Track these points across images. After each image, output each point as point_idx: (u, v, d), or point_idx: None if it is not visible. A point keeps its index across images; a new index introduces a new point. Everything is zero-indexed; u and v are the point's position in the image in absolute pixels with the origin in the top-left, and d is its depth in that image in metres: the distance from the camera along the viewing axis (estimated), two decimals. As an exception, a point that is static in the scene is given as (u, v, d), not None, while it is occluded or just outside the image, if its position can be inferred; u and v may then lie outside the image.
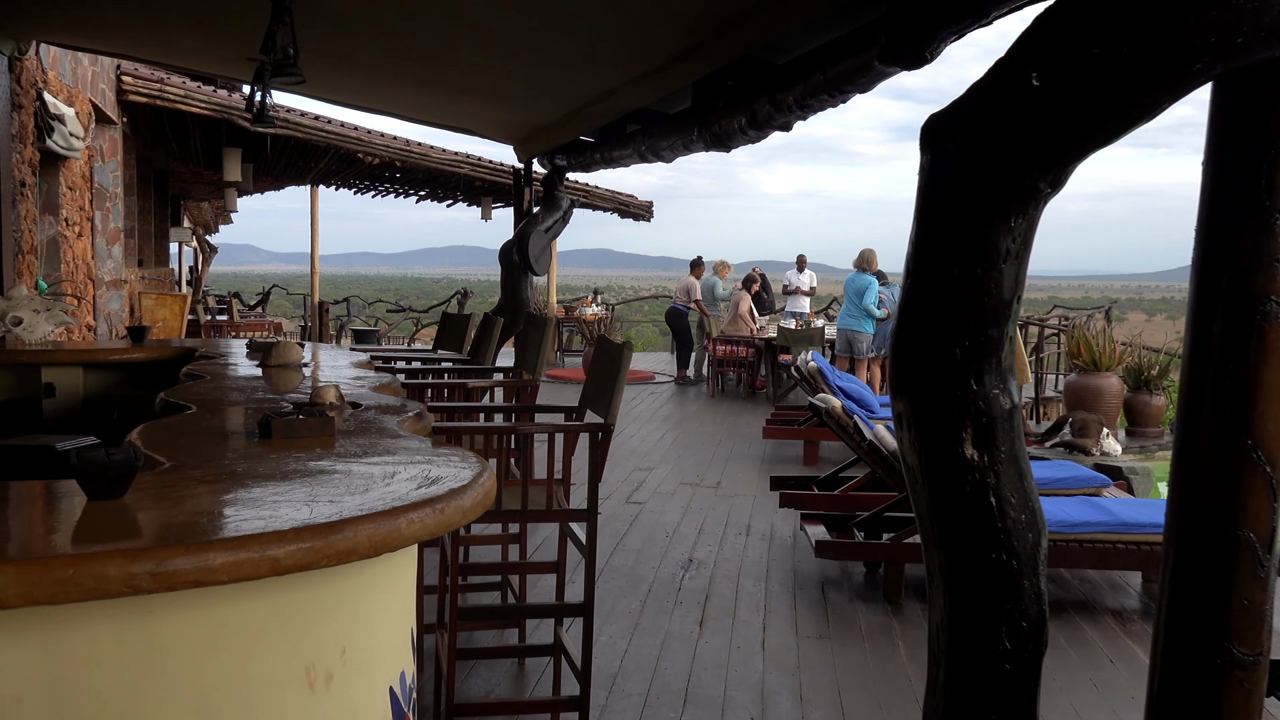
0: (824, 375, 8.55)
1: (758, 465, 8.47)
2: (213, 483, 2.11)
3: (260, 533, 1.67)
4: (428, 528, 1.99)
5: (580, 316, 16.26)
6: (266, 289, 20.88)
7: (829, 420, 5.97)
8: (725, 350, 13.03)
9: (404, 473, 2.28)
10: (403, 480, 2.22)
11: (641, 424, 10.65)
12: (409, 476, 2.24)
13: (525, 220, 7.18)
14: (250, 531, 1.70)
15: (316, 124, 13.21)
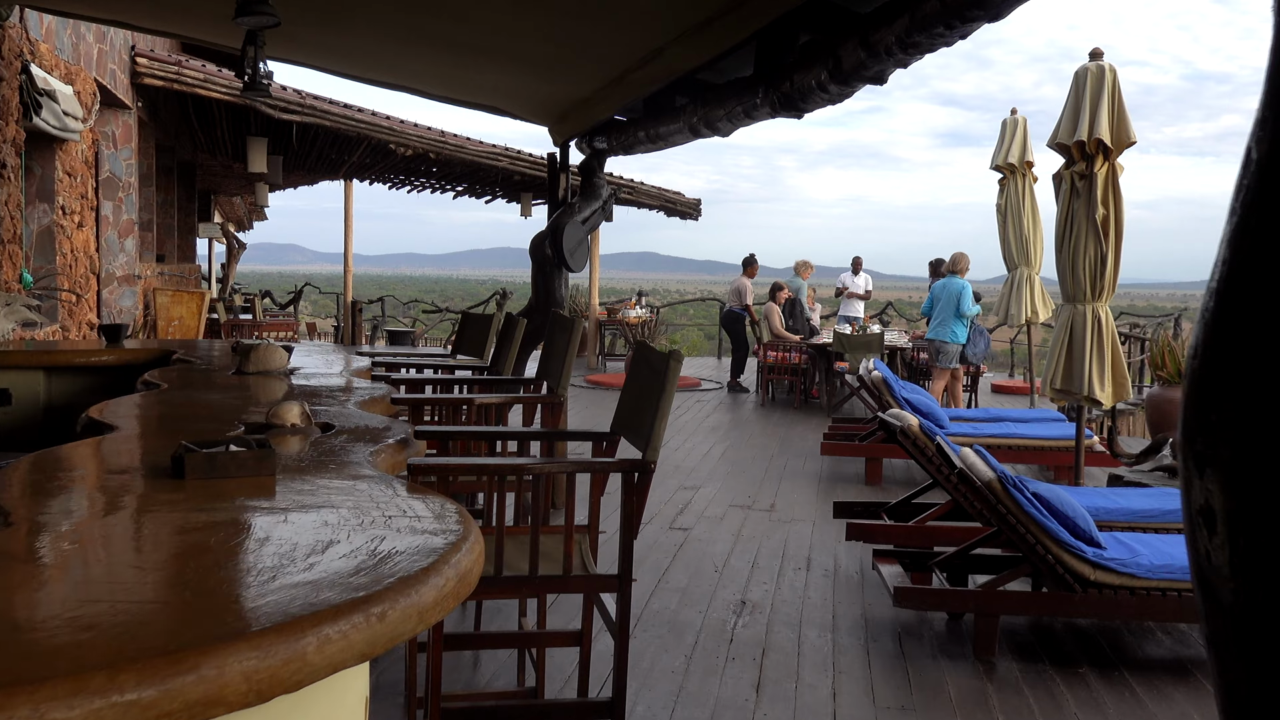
0: (889, 386, 7.73)
1: (815, 484, 7.67)
2: (31, 562, 1.38)
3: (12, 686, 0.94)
4: (355, 647, 1.24)
5: (623, 319, 15.52)
6: (299, 287, 20.36)
7: (904, 440, 5.16)
8: (777, 357, 12.23)
9: (345, 542, 1.54)
10: (338, 556, 1.48)
11: (687, 435, 9.87)
12: (349, 550, 1.50)
13: (560, 210, 6.44)
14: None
15: (346, 113, 12.58)
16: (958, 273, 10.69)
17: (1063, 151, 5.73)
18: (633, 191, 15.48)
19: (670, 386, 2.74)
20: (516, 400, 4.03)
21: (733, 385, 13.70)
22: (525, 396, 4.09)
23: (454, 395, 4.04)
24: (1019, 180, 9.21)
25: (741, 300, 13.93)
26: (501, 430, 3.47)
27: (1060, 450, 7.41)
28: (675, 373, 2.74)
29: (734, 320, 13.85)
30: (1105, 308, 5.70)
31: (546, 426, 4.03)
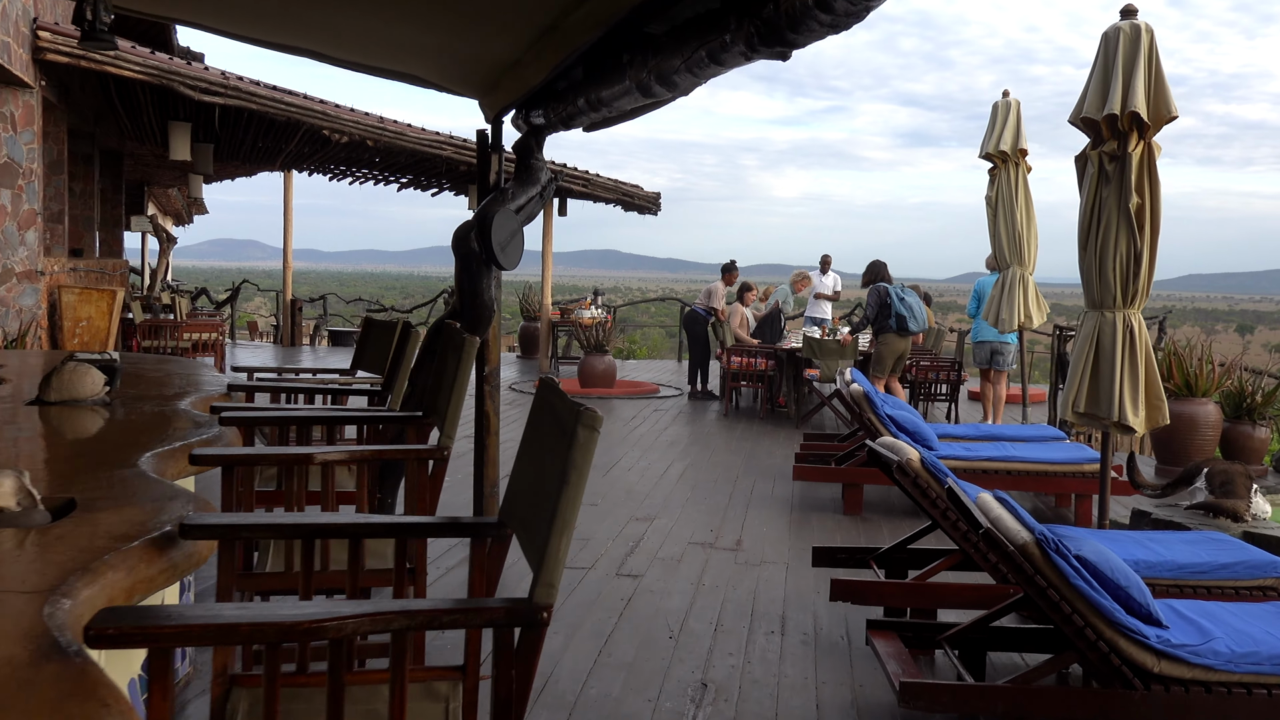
0: (871, 402, 6.78)
1: (786, 513, 6.71)
2: None
3: None
4: None
5: (577, 320, 14.50)
6: (236, 285, 19.16)
7: (902, 479, 4.20)
8: (740, 362, 11.27)
9: None
10: None
11: (642, 451, 8.88)
12: None
13: (489, 197, 5.42)
14: None
15: (275, 95, 11.47)
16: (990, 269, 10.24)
17: (1088, 129, 4.80)
18: (588, 184, 14.47)
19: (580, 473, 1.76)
20: (369, 458, 3.00)
21: (695, 393, 12.72)
22: (390, 450, 3.05)
23: (287, 450, 2.96)
24: (1011, 170, 8.30)
25: (709, 301, 12.95)
26: (320, 523, 2.39)
27: (1066, 477, 6.49)
28: (587, 451, 1.76)
29: (695, 321, 12.89)
30: (1138, 315, 4.77)
31: (418, 493, 2.98)
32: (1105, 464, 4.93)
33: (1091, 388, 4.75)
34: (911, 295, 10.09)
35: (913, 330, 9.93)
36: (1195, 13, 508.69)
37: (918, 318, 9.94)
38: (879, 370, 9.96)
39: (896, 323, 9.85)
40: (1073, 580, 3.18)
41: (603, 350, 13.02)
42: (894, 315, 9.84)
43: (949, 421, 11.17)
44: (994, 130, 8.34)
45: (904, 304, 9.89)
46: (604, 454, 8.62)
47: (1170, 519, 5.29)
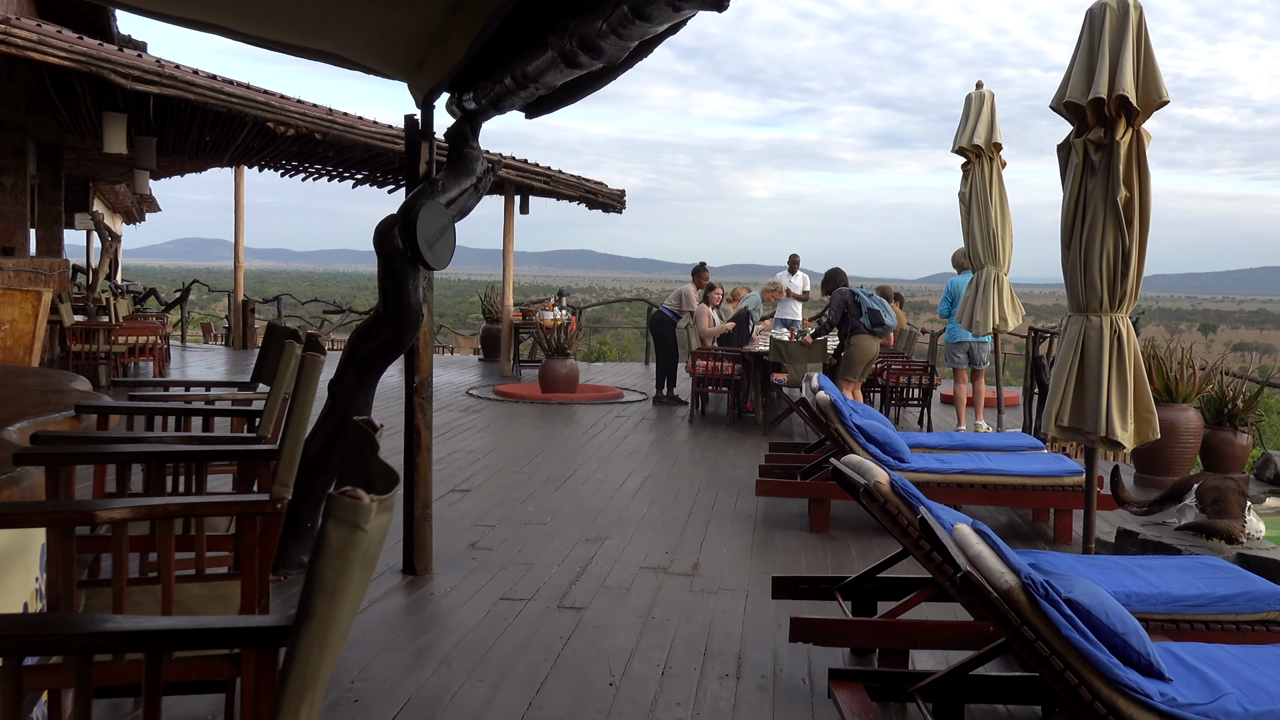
0: (838, 411, 6.33)
1: (749, 531, 6.25)
2: None
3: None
4: None
5: (539, 322, 14.00)
6: (186, 285, 18.52)
7: (869, 505, 3.75)
8: (706, 366, 10.81)
9: None
10: None
11: (600, 462, 8.40)
12: None
13: (417, 189, 4.93)
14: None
15: (214, 85, 10.90)
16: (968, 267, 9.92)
17: (1072, 115, 4.36)
18: (550, 181, 13.98)
19: (331, 598, 1.25)
20: (174, 513, 2.36)
21: (660, 398, 12.24)
22: (202, 505, 2.39)
23: (57, 508, 2.39)
24: (985, 165, 7.89)
25: (681, 305, 12.42)
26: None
27: (1045, 491, 6.07)
28: (341, 565, 1.25)
29: (662, 323, 12.41)
30: (1126, 319, 4.34)
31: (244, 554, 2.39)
32: (1091, 482, 4.50)
33: (1076, 400, 4.31)
34: (875, 296, 9.69)
35: (888, 325, 9.52)
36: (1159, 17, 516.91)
37: (889, 312, 9.56)
38: (850, 375, 9.54)
39: (870, 319, 9.43)
40: (1065, 631, 2.73)
41: (565, 354, 12.53)
42: (865, 311, 9.43)
43: (921, 428, 10.76)
44: (967, 124, 7.91)
45: (872, 299, 9.51)
46: (558, 466, 8.14)
47: (1159, 539, 4.87)
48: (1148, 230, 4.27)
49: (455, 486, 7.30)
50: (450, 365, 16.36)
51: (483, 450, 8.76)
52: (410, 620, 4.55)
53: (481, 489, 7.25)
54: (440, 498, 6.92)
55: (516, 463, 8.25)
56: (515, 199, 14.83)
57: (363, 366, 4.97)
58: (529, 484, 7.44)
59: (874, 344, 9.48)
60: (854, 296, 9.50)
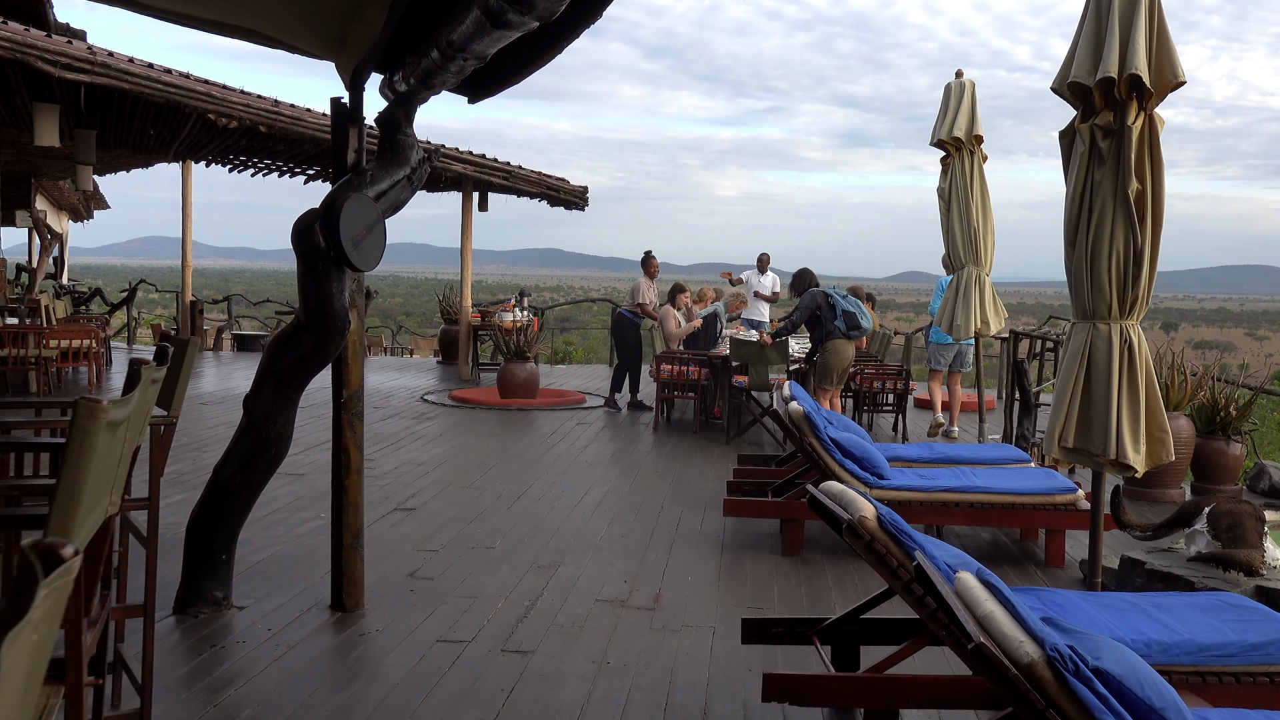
0: (812, 424, 5.84)
1: (716, 555, 5.75)
2: None
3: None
4: None
5: (498, 324, 13.44)
6: (133, 285, 17.78)
7: (854, 544, 3.25)
8: (672, 370, 10.30)
9: None
10: None
11: (557, 475, 7.87)
12: None
13: (342, 181, 4.38)
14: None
15: (150, 74, 10.27)
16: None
17: (1077, 97, 3.88)
18: (510, 177, 13.42)
19: None
20: None
21: (612, 403, 11.63)
22: None
23: None
24: (966, 159, 7.43)
25: (635, 299, 11.93)
26: None
27: (1037, 510, 5.61)
28: None
29: (623, 325, 11.88)
30: (1138, 328, 3.87)
31: None
32: (1098, 510, 4.02)
33: (1083, 418, 3.84)
34: (849, 297, 9.19)
35: (864, 328, 9.03)
36: None
37: (861, 323, 9.04)
38: (827, 383, 9.05)
39: (845, 322, 8.93)
40: (1100, 716, 2.23)
41: (525, 357, 11.98)
42: (840, 314, 8.92)
43: (895, 434, 10.31)
44: (946, 114, 7.45)
45: (846, 300, 9.00)
46: (512, 480, 7.60)
47: (1168, 569, 4.41)
48: (1160, 227, 3.80)
49: (399, 504, 6.75)
50: (408, 369, 15.76)
51: (433, 462, 8.20)
52: (334, 669, 4.00)
53: (427, 507, 6.70)
54: (381, 518, 6.37)
55: (468, 476, 7.70)
56: (474, 196, 14.26)
57: (282, 380, 4.42)
58: (479, 501, 6.90)
59: (849, 348, 9.01)
60: (827, 298, 9.00)
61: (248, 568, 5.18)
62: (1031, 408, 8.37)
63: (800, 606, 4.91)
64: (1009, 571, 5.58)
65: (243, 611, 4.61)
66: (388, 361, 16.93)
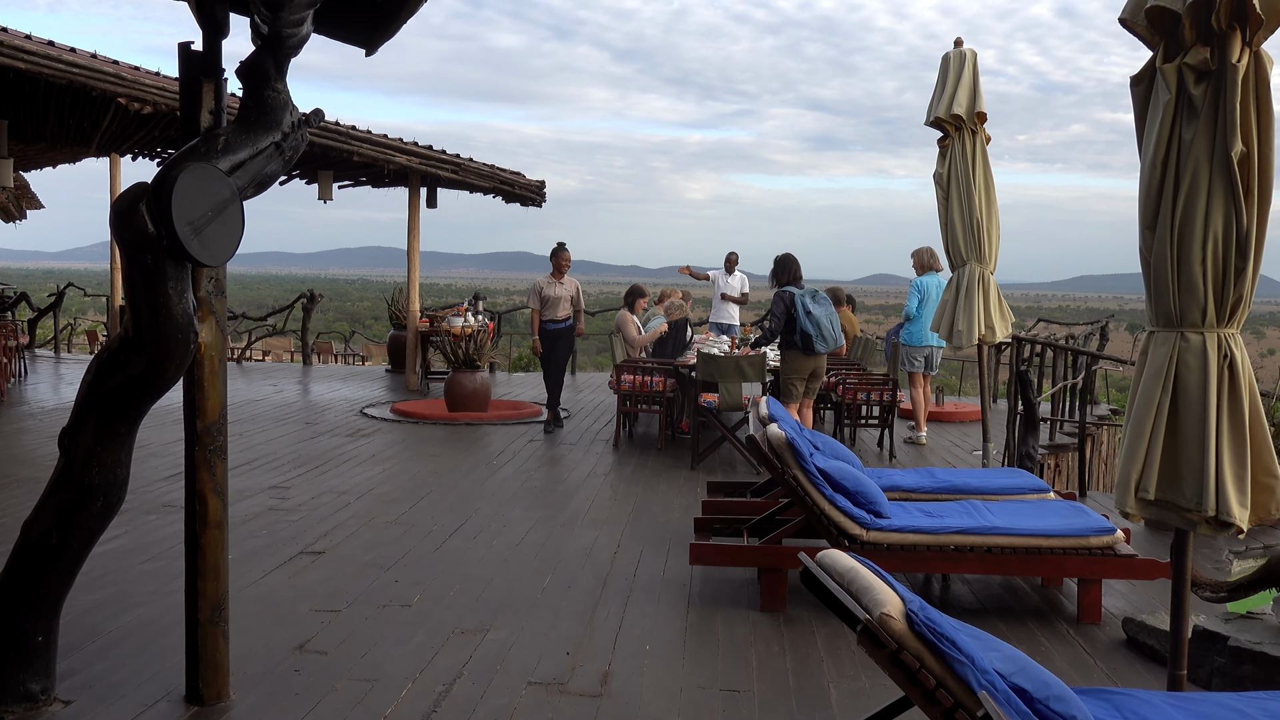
0: (796, 452, 4.83)
1: (680, 613, 4.74)
2: None
3: None
4: None
5: (448, 329, 12.37)
6: (60, 288, 16.56)
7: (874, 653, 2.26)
8: (634, 381, 9.27)
9: None
10: None
11: (499, 506, 6.83)
12: None
13: (184, 149, 3.34)
14: None
15: (47, 51, 9.16)
16: (935, 268, 9.80)
17: (1156, 29, 2.90)
18: (459, 170, 12.36)
19: None
20: None
21: (549, 424, 10.17)
22: None
23: None
24: (967, 140, 6.47)
25: (539, 301, 10.06)
26: None
27: (1068, 555, 4.64)
28: None
29: (544, 334, 10.13)
30: (1238, 338, 2.90)
31: None
32: (1182, 581, 3.03)
33: (1168, 460, 2.85)
34: (824, 304, 8.13)
35: (819, 350, 8.03)
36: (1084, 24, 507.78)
37: (826, 335, 7.99)
38: (787, 397, 8.10)
39: (801, 341, 8.01)
40: None
41: (474, 366, 10.92)
42: (798, 331, 7.98)
43: (881, 452, 9.35)
44: (944, 90, 6.49)
45: (810, 318, 7.94)
46: (446, 513, 6.55)
47: (1258, 647, 3.44)
48: (1269, 203, 2.83)
49: (307, 546, 5.69)
50: (353, 378, 14.65)
51: (358, 490, 7.14)
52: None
53: (340, 549, 5.65)
54: (281, 565, 5.32)
55: (396, 508, 6.65)
56: (421, 192, 13.19)
57: (107, 411, 3.36)
58: (403, 541, 5.86)
59: (807, 361, 8.07)
60: (791, 307, 8.05)
61: (79, 650, 4.12)
62: (1036, 423, 7.43)
63: (784, 686, 3.92)
64: (1035, 631, 4.60)
65: (69, 708, 3.56)
66: (333, 370, 15.82)
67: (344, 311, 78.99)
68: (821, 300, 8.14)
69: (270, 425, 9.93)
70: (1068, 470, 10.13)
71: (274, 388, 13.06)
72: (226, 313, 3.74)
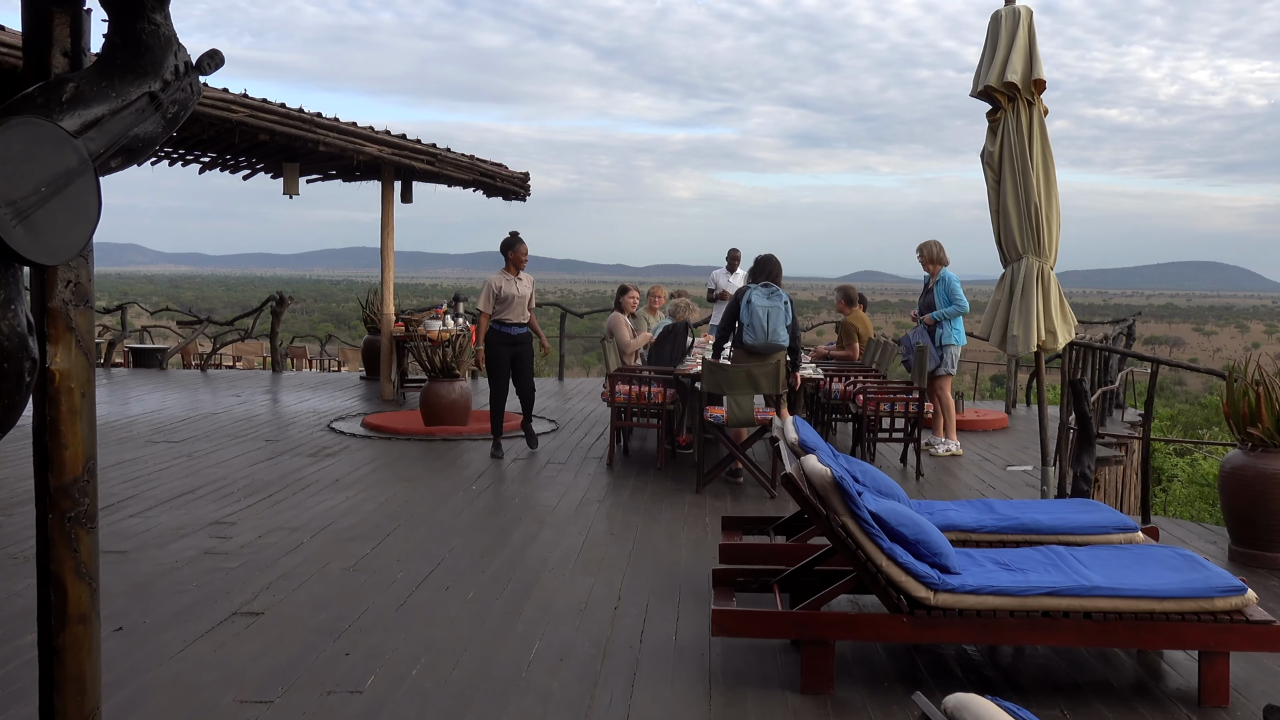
0: (845, 494, 3.87)
1: (700, 696, 3.78)
2: None
3: None
4: None
5: (424, 333, 11.39)
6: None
7: None
8: (629, 392, 8.30)
9: None
10: None
11: (474, 545, 5.86)
12: None
13: (14, 100, 2.37)
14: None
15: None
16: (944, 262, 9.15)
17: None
18: (433, 160, 11.36)
19: None
20: None
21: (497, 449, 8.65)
22: None
23: None
24: (1023, 112, 5.53)
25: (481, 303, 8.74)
26: None
27: (1191, 623, 3.69)
28: None
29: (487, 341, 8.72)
30: None
31: None
32: None
33: None
34: (773, 299, 7.33)
35: (746, 342, 7.29)
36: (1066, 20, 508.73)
37: (756, 327, 7.31)
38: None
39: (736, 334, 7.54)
40: None
41: (453, 375, 9.95)
42: (738, 323, 7.49)
43: (905, 469, 8.40)
44: (995, 54, 5.55)
45: (748, 307, 7.33)
46: (414, 556, 5.57)
47: None
48: None
49: (243, 605, 4.71)
50: (324, 386, 13.64)
51: (313, 526, 6.17)
52: None
53: (283, 608, 4.68)
54: (210, 631, 4.36)
55: (355, 548, 5.68)
56: (395, 185, 12.19)
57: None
58: (361, 596, 4.89)
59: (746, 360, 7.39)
60: (738, 300, 7.50)
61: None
62: (1093, 438, 6.51)
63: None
64: (1146, 717, 3.66)
65: None
66: (304, 378, 14.79)
67: (329, 313, 77.71)
68: (774, 295, 7.37)
69: (225, 443, 8.94)
70: (1104, 486, 9.22)
71: (237, 398, 12.05)
72: (94, 328, 2.76)
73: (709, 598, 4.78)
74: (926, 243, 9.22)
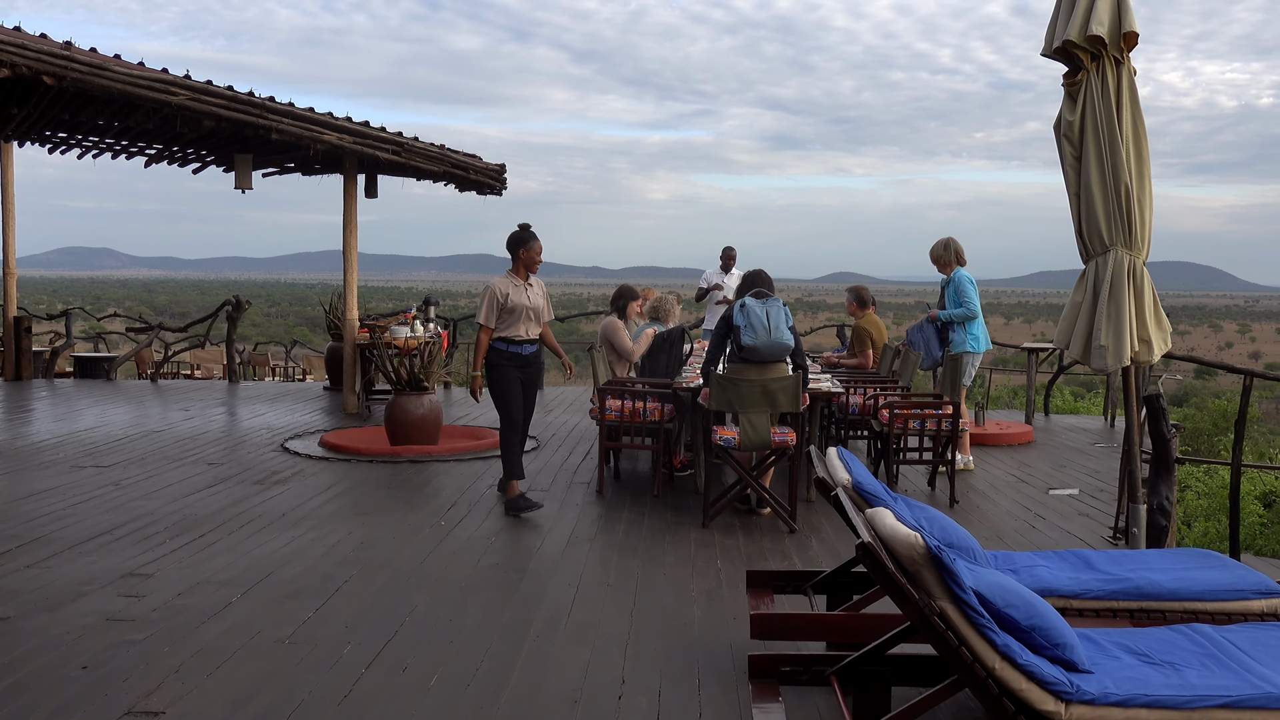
0: (945, 571, 2.84)
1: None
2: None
3: None
4: None
5: (390, 340, 10.31)
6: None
7: None
8: (620, 408, 7.26)
9: None
10: None
11: (441, 604, 4.81)
12: None
13: None
14: None
15: None
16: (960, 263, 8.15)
17: None
18: (400, 150, 10.29)
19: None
20: None
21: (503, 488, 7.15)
22: None
23: None
24: (1109, 73, 4.53)
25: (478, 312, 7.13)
26: None
27: None
28: None
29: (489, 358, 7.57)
30: None
31: None
32: None
33: None
34: (772, 305, 6.48)
35: (746, 343, 6.31)
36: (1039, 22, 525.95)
37: (756, 325, 6.39)
38: None
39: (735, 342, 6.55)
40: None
41: (421, 388, 8.88)
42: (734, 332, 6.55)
43: (933, 490, 7.41)
44: (1075, 5, 4.55)
45: (743, 310, 6.45)
46: (364, 623, 4.51)
47: None
48: None
49: (140, 700, 3.64)
50: (284, 398, 12.51)
51: (248, 578, 5.10)
52: None
53: (192, 703, 3.61)
54: (82, 748, 3.27)
55: (295, 610, 4.62)
56: (359, 179, 11.11)
57: None
58: (296, 680, 3.83)
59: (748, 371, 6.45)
60: (728, 318, 6.62)
61: None
62: (1171, 465, 5.55)
63: None
64: None
65: None
66: (263, 389, 13.65)
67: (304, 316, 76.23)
68: (770, 301, 6.48)
69: (161, 468, 7.85)
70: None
71: (184, 413, 10.93)
72: None
73: (736, 680, 3.77)
74: (947, 238, 8.27)
